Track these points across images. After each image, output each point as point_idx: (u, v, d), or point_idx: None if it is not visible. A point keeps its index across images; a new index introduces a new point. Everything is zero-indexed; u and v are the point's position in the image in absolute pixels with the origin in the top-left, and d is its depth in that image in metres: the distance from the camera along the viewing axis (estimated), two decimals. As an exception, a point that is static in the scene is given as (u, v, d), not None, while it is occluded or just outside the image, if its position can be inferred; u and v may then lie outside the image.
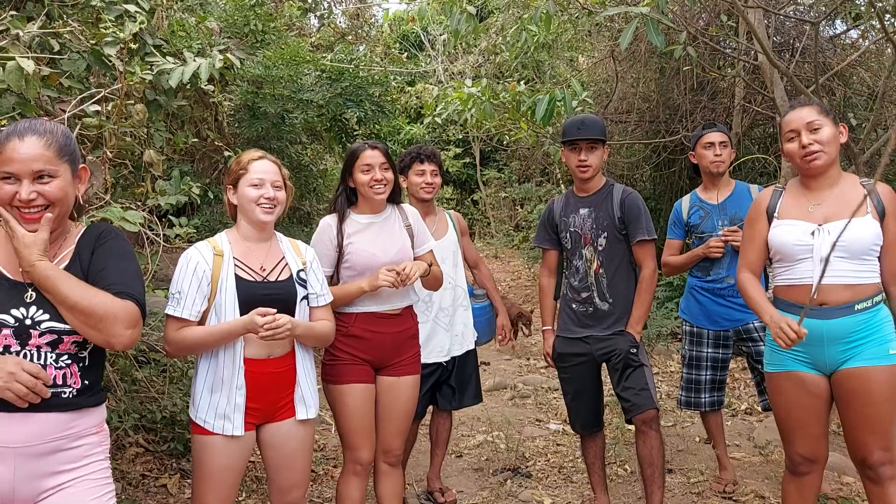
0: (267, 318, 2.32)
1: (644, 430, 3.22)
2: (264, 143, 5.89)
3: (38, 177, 1.78)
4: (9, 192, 1.77)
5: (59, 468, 1.81)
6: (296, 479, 2.56)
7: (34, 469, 1.77)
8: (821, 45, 7.20)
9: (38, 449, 1.77)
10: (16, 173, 1.76)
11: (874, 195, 2.52)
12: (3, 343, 1.76)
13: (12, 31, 2.46)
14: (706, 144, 3.69)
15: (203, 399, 2.42)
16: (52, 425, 1.79)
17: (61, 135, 1.86)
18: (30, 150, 1.77)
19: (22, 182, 1.76)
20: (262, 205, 2.49)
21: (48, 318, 1.79)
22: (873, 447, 2.45)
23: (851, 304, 2.48)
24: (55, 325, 1.80)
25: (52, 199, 1.80)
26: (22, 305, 1.79)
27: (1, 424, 1.74)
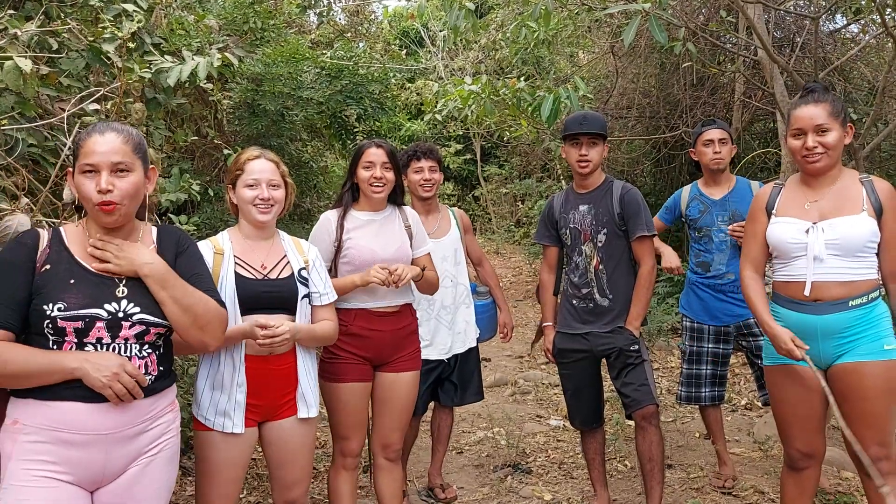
0: (266, 331, 2.37)
1: (644, 425, 3.23)
2: (264, 140, 5.87)
3: (115, 170, 1.92)
4: (90, 186, 1.90)
5: (143, 447, 1.96)
6: (297, 476, 2.58)
7: (123, 451, 1.92)
8: (821, 40, 7.19)
9: (126, 433, 1.91)
10: (96, 165, 1.90)
11: (871, 192, 2.52)
12: (95, 336, 1.88)
13: (10, 30, 2.46)
14: (706, 142, 3.69)
15: (205, 396, 2.44)
16: (138, 411, 1.93)
17: (136, 135, 2.02)
18: (110, 144, 1.93)
19: (101, 173, 1.90)
20: (258, 205, 2.50)
21: (139, 311, 1.94)
22: (870, 443, 2.45)
23: (846, 300, 2.48)
24: (145, 318, 1.94)
25: (125, 194, 1.93)
26: (114, 300, 1.92)
27: (93, 414, 1.86)
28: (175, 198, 2.91)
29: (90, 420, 1.86)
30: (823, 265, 2.50)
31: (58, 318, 1.85)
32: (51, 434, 1.83)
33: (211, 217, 5.69)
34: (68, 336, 1.86)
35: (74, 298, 1.87)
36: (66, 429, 1.84)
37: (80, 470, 1.86)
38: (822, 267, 2.50)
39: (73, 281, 1.89)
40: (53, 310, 1.84)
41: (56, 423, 1.83)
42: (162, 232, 2.14)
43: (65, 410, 1.84)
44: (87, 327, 1.87)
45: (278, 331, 2.38)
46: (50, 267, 1.91)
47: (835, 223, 2.50)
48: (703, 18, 7.23)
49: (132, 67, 2.68)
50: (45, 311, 1.84)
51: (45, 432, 1.83)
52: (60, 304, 1.85)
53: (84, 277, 1.92)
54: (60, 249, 1.95)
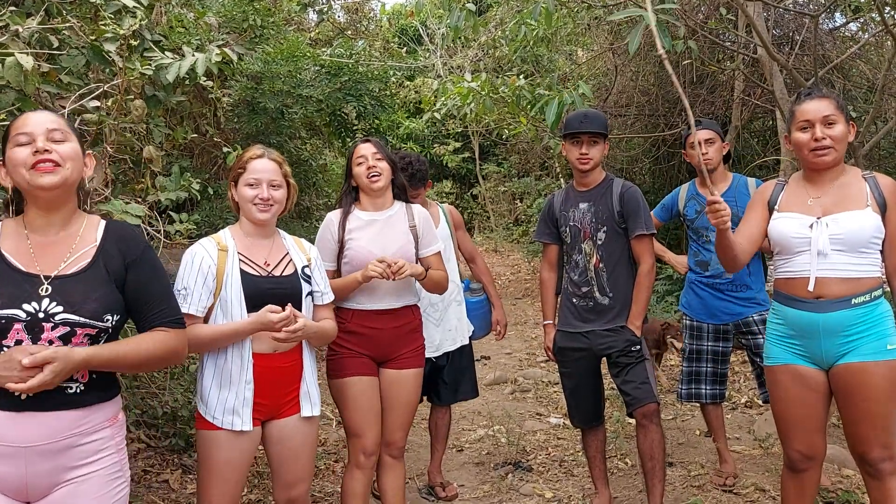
0: (282, 314, 2.32)
1: (645, 423, 3.23)
2: (263, 138, 5.88)
3: (51, 138, 1.83)
4: (23, 153, 1.80)
5: (74, 463, 1.82)
6: (300, 475, 2.56)
7: (48, 466, 1.78)
8: (820, 38, 7.19)
9: (50, 447, 1.77)
10: (31, 132, 1.82)
11: (875, 188, 2.50)
12: (14, 338, 1.75)
13: (12, 26, 2.45)
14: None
15: (212, 395, 2.41)
16: (64, 423, 1.79)
17: (67, 118, 1.99)
18: (42, 116, 1.87)
19: (36, 139, 1.81)
20: (258, 205, 2.49)
21: (62, 311, 1.78)
22: (873, 443, 2.44)
23: (848, 297, 2.46)
24: (69, 318, 1.79)
25: (64, 156, 1.83)
26: (35, 299, 1.78)
27: (12, 424, 1.74)
28: (175, 196, 2.90)
29: (7, 430, 1.73)
30: (827, 261, 2.48)
31: None
32: None
33: (210, 215, 5.69)
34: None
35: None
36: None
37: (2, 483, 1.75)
38: (826, 262, 2.48)
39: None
40: None
41: None
42: (111, 229, 1.97)
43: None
44: (3, 329, 1.74)
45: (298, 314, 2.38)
46: None
47: (839, 218, 2.48)
48: (702, 16, 7.22)
49: (133, 66, 2.67)
50: None
51: None
52: None
53: (8, 275, 1.78)
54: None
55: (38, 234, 1.87)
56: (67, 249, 1.87)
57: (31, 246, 1.85)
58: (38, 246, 1.85)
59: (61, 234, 1.88)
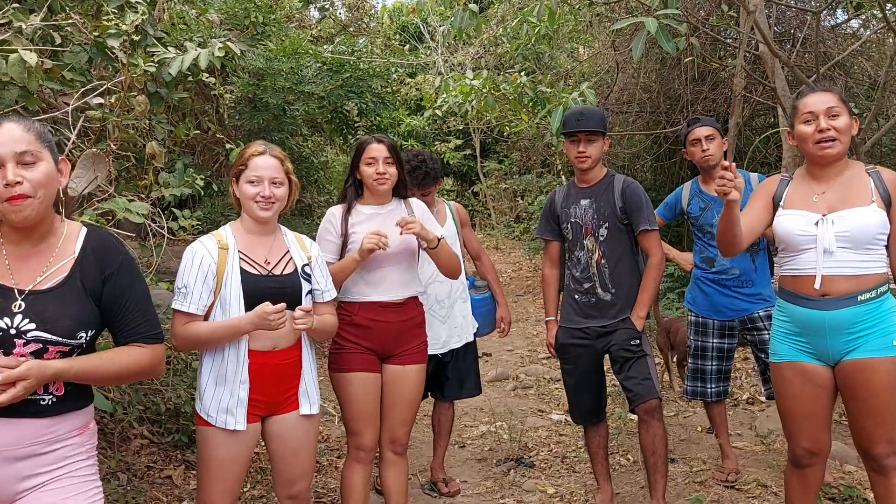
0: (277, 307, 2.32)
1: (647, 419, 3.24)
2: (265, 135, 5.89)
3: (21, 161, 1.71)
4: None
5: (37, 471, 1.77)
6: (300, 471, 2.57)
7: (9, 472, 1.73)
8: (822, 34, 7.19)
9: (14, 453, 1.73)
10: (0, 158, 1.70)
11: (879, 183, 2.49)
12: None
13: (15, 23, 2.46)
14: (693, 141, 3.67)
15: (207, 392, 2.42)
16: (29, 431, 1.75)
17: (38, 125, 1.81)
18: (9, 133, 1.72)
19: (6, 166, 1.69)
20: (259, 202, 2.47)
21: (34, 328, 1.73)
22: (878, 439, 2.44)
23: (854, 294, 2.45)
24: (41, 335, 1.73)
25: (36, 184, 1.72)
26: (7, 315, 1.72)
27: None
28: (179, 192, 2.90)
29: None
30: (833, 258, 2.47)
31: None
32: None
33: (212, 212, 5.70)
34: None
35: None
36: None
37: None
38: (832, 260, 2.47)
39: None
40: None
41: None
42: (91, 238, 1.89)
43: None
44: None
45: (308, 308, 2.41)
46: None
47: (844, 215, 2.47)
48: (703, 13, 7.22)
49: (137, 62, 2.68)
50: None
51: None
52: None
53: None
54: None
55: (13, 245, 1.80)
56: (45, 262, 1.81)
57: (7, 257, 1.78)
58: (14, 257, 1.79)
59: (40, 246, 1.82)
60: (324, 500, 3.68)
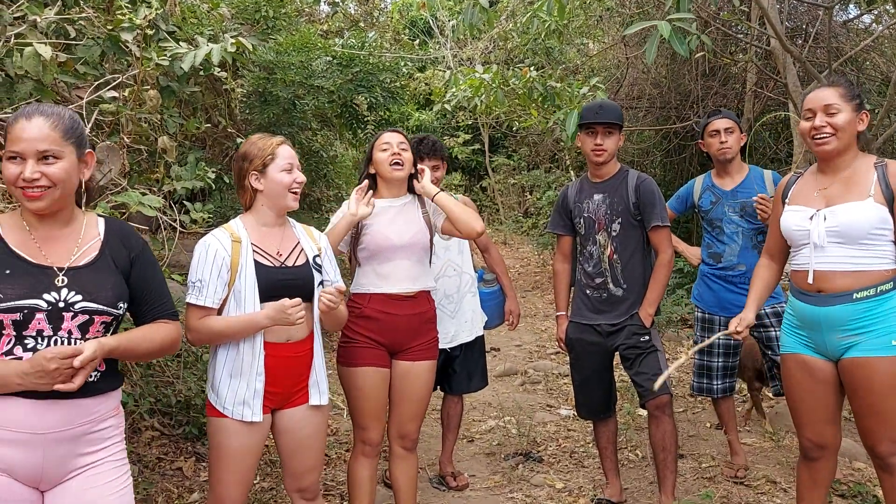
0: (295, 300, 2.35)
1: (657, 415, 3.24)
2: (275, 129, 5.90)
3: (42, 157, 1.81)
4: (14, 172, 1.80)
5: (85, 450, 1.86)
6: (310, 464, 2.57)
7: (63, 453, 1.82)
8: (834, 30, 7.14)
9: (66, 434, 1.82)
10: (21, 153, 1.80)
11: (883, 178, 2.45)
12: (36, 328, 1.79)
13: (30, 17, 2.47)
14: (712, 132, 3.66)
15: (223, 385, 2.42)
16: (80, 410, 1.84)
17: (68, 118, 1.89)
18: (36, 130, 1.81)
19: (27, 161, 1.79)
20: (294, 189, 2.50)
21: (81, 300, 1.83)
22: (881, 437, 2.44)
23: (850, 292, 2.43)
24: (88, 306, 1.84)
25: (54, 180, 1.82)
26: (53, 290, 1.82)
27: (31, 412, 1.77)
28: (191, 185, 2.92)
29: (30, 418, 1.77)
30: (825, 254, 2.47)
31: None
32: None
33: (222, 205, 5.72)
34: (6, 329, 1.77)
35: (11, 289, 1.77)
36: (3, 426, 1.76)
37: (16, 469, 1.78)
38: (824, 255, 2.47)
39: (8, 271, 1.79)
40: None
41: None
42: (110, 225, 2.03)
43: (4, 408, 1.76)
44: (25, 319, 1.78)
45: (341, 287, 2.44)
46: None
47: (836, 210, 2.46)
48: (715, 8, 7.18)
49: (150, 56, 2.69)
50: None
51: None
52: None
53: (21, 267, 1.81)
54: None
55: (39, 229, 1.90)
56: (74, 243, 1.91)
57: (36, 239, 1.88)
58: (43, 240, 1.88)
59: (65, 230, 1.92)
60: (332, 493, 3.70)
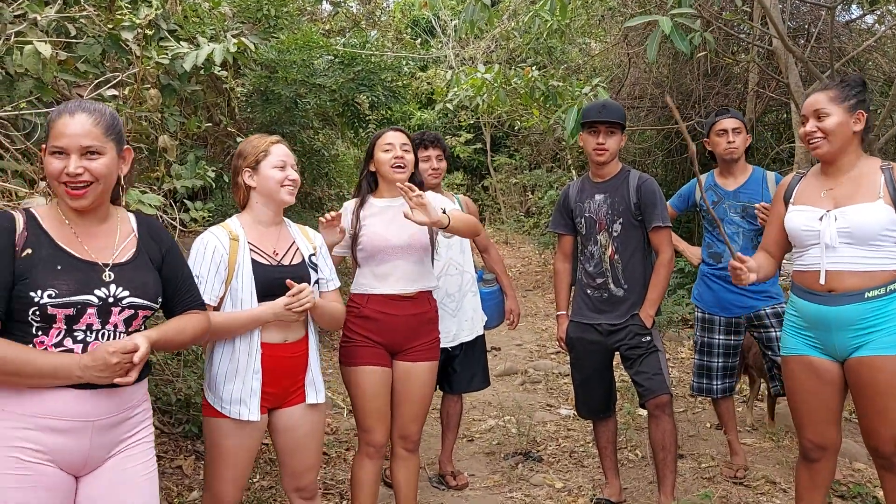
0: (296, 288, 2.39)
1: (657, 414, 3.24)
2: (276, 128, 5.90)
3: (86, 153, 1.86)
4: (58, 167, 1.84)
5: (125, 435, 1.96)
6: (308, 463, 2.58)
7: (107, 438, 1.92)
8: (836, 30, 7.13)
9: (111, 420, 1.91)
10: (65, 148, 1.84)
11: (890, 180, 2.47)
12: (86, 322, 1.86)
13: (30, 15, 2.47)
14: (719, 131, 3.66)
15: (219, 383, 2.43)
16: (123, 397, 1.93)
17: (109, 115, 1.95)
18: (79, 126, 1.86)
19: (70, 157, 1.84)
20: (287, 186, 2.51)
21: (128, 295, 1.92)
22: (885, 437, 2.44)
23: (861, 291, 2.45)
24: (135, 301, 1.93)
25: (97, 175, 1.88)
26: (103, 286, 1.89)
27: (82, 401, 1.85)
28: (191, 184, 2.92)
29: (79, 407, 1.84)
30: (836, 254, 2.48)
31: (48, 305, 1.80)
32: (35, 421, 1.80)
33: (223, 204, 5.72)
34: (57, 323, 1.82)
35: (65, 285, 1.82)
36: (52, 416, 1.81)
37: (62, 457, 1.84)
38: (835, 256, 2.48)
39: (59, 267, 1.84)
40: (43, 297, 1.79)
41: (42, 410, 1.81)
42: (140, 220, 2.10)
43: (53, 397, 1.82)
44: (78, 314, 1.84)
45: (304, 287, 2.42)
46: (32, 252, 1.83)
47: (847, 211, 2.47)
48: (717, 8, 7.17)
49: (150, 55, 2.69)
50: (31, 298, 1.78)
51: (28, 419, 1.80)
52: (51, 291, 1.80)
53: (70, 263, 1.86)
54: (39, 233, 1.87)
55: (80, 224, 1.94)
56: (112, 239, 1.98)
57: (78, 235, 1.92)
58: (85, 235, 1.94)
59: (103, 226, 1.98)
60: (332, 492, 3.70)
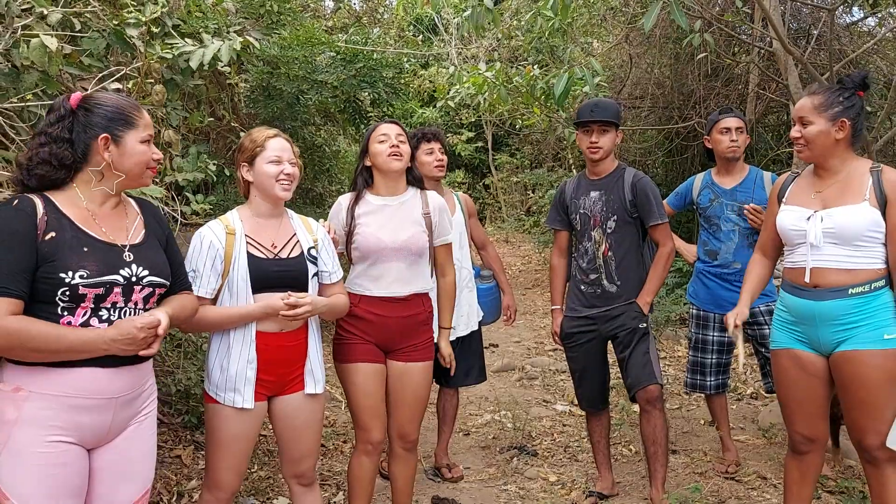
0: (290, 300, 2.42)
1: (648, 408, 3.28)
2: (279, 123, 5.93)
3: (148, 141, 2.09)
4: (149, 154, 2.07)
5: (140, 407, 2.10)
6: (306, 450, 2.63)
7: (126, 412, 2.05)
8: (837, 32, 7.16)
9: (131, 395, 2.04)
10: (149, 138, 2.08)
11: (877, 183, 2.53)
12: (111, 300, 1.97)
13: (37, 8, 2.52)
14: (723, 130, 3.69)
15: (215, 371, 2.49)
16: (140, 373, 2.07)
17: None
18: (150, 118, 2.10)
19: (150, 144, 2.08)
20: (282, 181, 2.52)
21: (149, 274, 2.04)
22: (868, 430, 2.50)
23: (845, 287, 2.52)
24: (154, 279, 2.06)
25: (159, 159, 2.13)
26: (126, 266, 2.00)
27: (108, 378, 1.96)
28: (192, 177, 2.96)
29: (106, 384, 1.95)
30: (821, 252, 2.55)
31: (79, 285, 1.89)
32: (61, 401, 1.89)
33: (225, 198, 5.76)
34: (85, 303, 1.91)
35: (94, 265, 1.92)
36: (79, 394, 1.91)
37: (87, 433, 1.94)
38: (820, 254, 2.56)
39: (86, 249, 1.93)
40: (75, 277, 1.88)
41: (70, 390, 1.89)
42: (143, 203, 2.23)
43: (81, 377, 1.91)
44: (106, 293, 1.94)
45: (301, 301, 2.43)
46: (55, 234, 1.91)
47: (833, 212, 2.55)
48: (718, 9, 7.20)
49: (154, 51, 2.73)
50: (62, 279, 1.87)
51: (55, 399, 1.88)
52: (82, 272, 1.90)
53: (94, 245, 1.96)
54: (59, 216, 1.95)
55: (96, 208, 2.04)
56: (123, 221, 2.08)
57: (95, 217, 2.02)
58: (100, 217, 2.03)
59: (115, 210, 2.09)
60: (329, 483, 3.76)
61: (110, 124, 2.01)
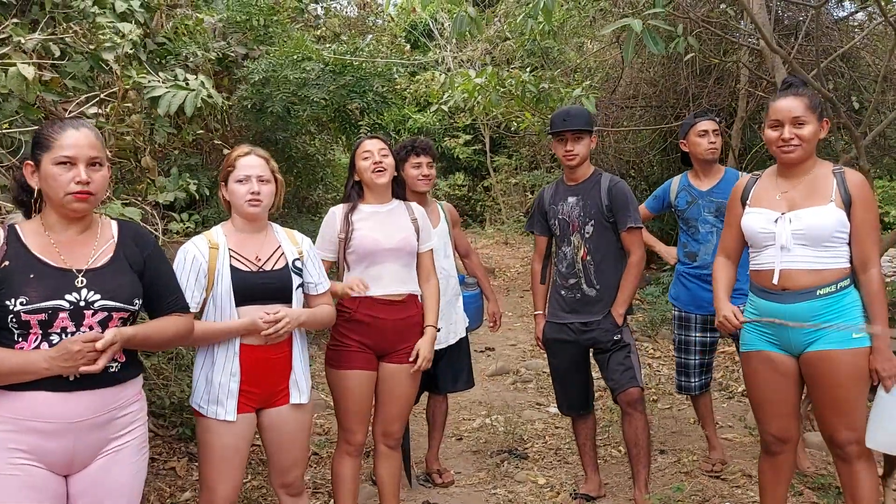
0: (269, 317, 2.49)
1: (629, 411, 3.33)
2: (271, 135, 6.00)
3: (91, 163, 2.01)
4: (68, 176, 1.97)
5: (113, 434, 2.06)
6: (293, 461, 2.69)
7: (91, 439, 2.01)
8: (827, 27, 7.17)
9: (94, 422, 2.00)
10: (74, 157, 1.98)
11: (841, 184, 2.57)
12: (60, 325, 1.96)
13: (14, 38, 2.59)
14: (700, 132, 3.73)
15: (199, 384, 2.56)
16: (106, 399, 2.03)
17: (98, 133, 2.12)
18: (85, 138, 2.02)
19: (79, 166, 1.98)
20: (249, 200, 2.59)
21: (100, 298, 2.01)
22: (839, 427, 2.54)
23: (813, 289, 2.55)
24: (107, 303, 2.02)
25: (99, 186, 2.04)
26: (74, 290, 1.99)
27: (61, 402, 1.95)
28: (173, 196, 3.03)
29: (59, 408, 1.94)
30: (791, 254, 2.58)
31: (21, 311, 1.91)
32: (18, 423, 1.90)
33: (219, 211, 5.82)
34: (33, 329, 1.93)
35: (35, 292, 1.93)
36: (35, 418, 1.91)
37: (48, 457, 1.94)
38: (790, 256, 2.58)
39: (32, 275, 1.95)
40: (16, 304, 1.91)
41: (23, 413, 1.91)
42: (124, 225, 2.23)
43: (33, 400, 1.92)
44: (50, 318, 1.94)
45: (278, 316, 2.51)
46: (9, 263, 1.95)
47: (801, 214, 2.57)
48: (704, 10, 7.23)
49: (130, 74, 2.80)
50: (7, 306, 1.90)
51: (12, 422, 1.90)
52: (22, 299, 1.92)
53: (43, 271, 1.97)
54: (18, 246, 1.99)
55: (59, 234, 2.05)
56: (91, 246, 2.07)
57: (56, 244, 2.03)
58: (62, 244, 2.04)
59: (83, 235, 2.09)
60: (321, 491, 3.81)
61: (34, 149, 2.03)
